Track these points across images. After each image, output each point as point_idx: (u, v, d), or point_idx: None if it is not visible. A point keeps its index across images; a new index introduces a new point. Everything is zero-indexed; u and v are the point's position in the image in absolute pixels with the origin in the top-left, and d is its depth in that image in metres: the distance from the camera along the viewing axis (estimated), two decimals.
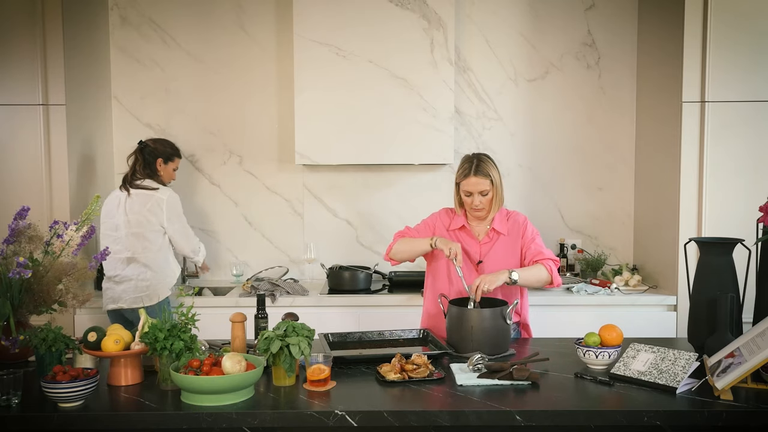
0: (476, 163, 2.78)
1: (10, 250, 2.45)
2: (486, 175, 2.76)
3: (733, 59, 3.43)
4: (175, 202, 3.54)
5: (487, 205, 2.80)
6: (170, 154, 3.64)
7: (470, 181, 2.76)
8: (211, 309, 3.52)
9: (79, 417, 1.99)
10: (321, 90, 3.83)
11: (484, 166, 2.77)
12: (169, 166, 3.65)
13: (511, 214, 2.89)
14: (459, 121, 4.12)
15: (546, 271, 2.77)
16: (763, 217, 2.44)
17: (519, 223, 2.87)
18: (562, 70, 4.14)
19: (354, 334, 2.76)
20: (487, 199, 2.79)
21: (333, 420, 1.97)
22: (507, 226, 2.86)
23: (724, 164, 3.48)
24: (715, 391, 2.07)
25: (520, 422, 1.98)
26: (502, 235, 2.85)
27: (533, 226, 2.90)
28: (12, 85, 3.56)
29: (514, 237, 2.85)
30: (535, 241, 2.84)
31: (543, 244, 2.86)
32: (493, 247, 2.84)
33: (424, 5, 3.82)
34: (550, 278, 2.78)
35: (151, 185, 3.52)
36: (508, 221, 2.87)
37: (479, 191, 2.76)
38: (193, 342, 2.20)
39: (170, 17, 4.10)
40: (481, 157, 2.81)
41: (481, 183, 2.75)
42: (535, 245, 2.83)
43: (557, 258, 2.89)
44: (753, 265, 2.57)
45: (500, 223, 2.85)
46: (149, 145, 3.60)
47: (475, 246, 2.86)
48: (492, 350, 2.51)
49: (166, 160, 3.62)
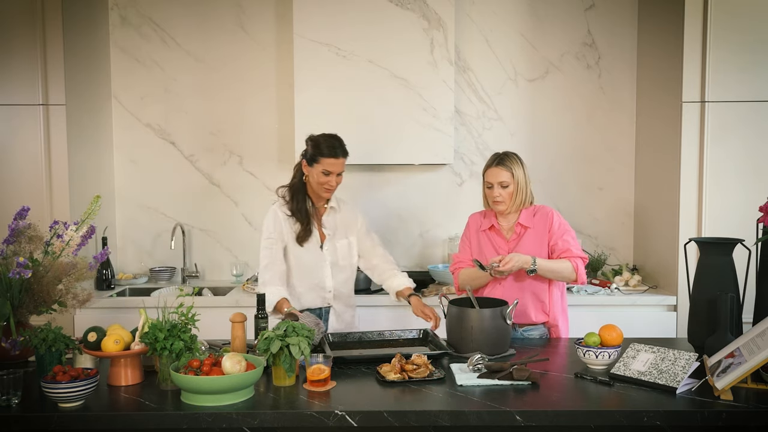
0: (501, 156, 2.85)
1: (10, 250, 2.45)
2: (507, 167, 2.81)
3: (733, 59, 3.43)
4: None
5: (507, 199, 2.82)
6: (313, 154, 2.96)
7: (491, 171, 2.83)
8: (211, 309, 3.53)
9: (79, 417, 1.99)
10: (321, 90, 3.83)
11: (508, 160, 2.83)
12: (315, 168, 2.95)
13: (538, 209, 2.89)
14: (459, 121, 4.12)
15: (571, 268, 2.76)
16: (763, 217, 2.44)
17: (546, 215, 2.86)
18: (562, 70, 4.14)
19: (354, 334, 2.77)
20: (507, 192, 2.81)
21: (333, 420, 1.97)
22: (534, 220, 2.86)
23: (724, 164, 3.48)
24: (715, 391, 2.07)
25: (520, 422, 1.98)
26: (528, 229, 2.85)
27: (563, 220, 2.88)
28: (12, 85, 3.56)
29: (540, 230, 2.85)
30: (563, 237, 2.82)
31: (573, 240, 2.84)
32: (520, 241, 2.85)
33: (424, 5, 3.82)
34: (574, 275, 2.77)
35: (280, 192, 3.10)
36: (535, 216, 2.87)
37: (499, 182, 2.80)
38: (193, 342, 2.20)
39: (170, 17, 4.10)
40: (508, 153, 2.87)
41: (502, 174, 2.80)
42: (563, 241, 2.82)
43: (586, 255, 2.86)
44: (753, 265, 2.57)
45: (526, 218, 2.86)
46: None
47: (504, 245, 2.88)
48: (492, 350, 2.50)
49: (310, 161, 2.98)
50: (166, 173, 4.17)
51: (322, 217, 3.06)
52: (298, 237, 2.97)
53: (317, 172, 2.93)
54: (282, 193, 3.06)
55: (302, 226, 2.98)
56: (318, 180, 2.93)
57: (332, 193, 3.00)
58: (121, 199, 4.19)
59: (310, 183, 2.98)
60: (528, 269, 2.71)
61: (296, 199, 3.00)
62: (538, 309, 2.83)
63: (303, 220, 2.98)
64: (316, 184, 2.95)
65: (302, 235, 2.98)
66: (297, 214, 2.99)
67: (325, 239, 3.04)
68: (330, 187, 2.95)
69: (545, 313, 2.85)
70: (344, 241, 3.08)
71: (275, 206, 3.05)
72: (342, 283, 3.08)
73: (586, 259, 2.84)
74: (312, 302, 3.03)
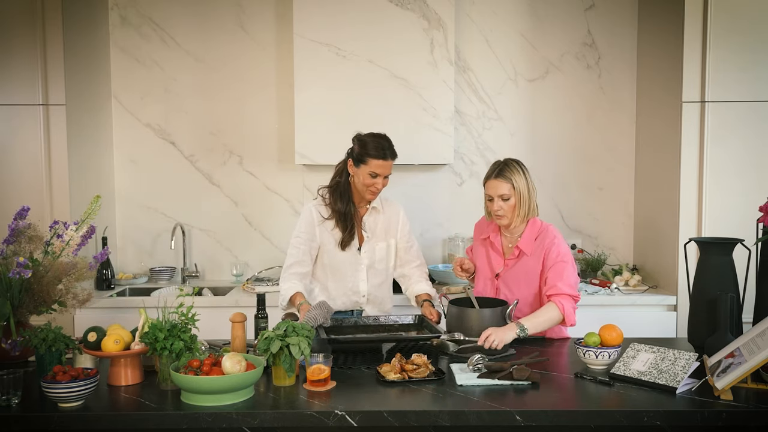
0: (500, 167, 2.69)
1: (10, 250, 2.45)
2: (507, 179, 2.65)
3: (733, 59, 3.43)
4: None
5: (508, 212, 2.67)
6: (360, 154, 2.85)
7: (491, 184, 2.69)
8: (211, 309, 3.53)
9: (79, 417, 1.99)
10: (321, 90, 3.83)
11: (508, 170, 2.67)
12: (361, 169, 2.84)
13: (542, 232, 2.72)
14: (459, 121, 4.12)
15: (557, 311, 2.59)
16: (763, 217, 2.44)
17: (544, 244, 2.69)
18: (562, 70, 4.14)
19: (350, 320, 2.78)
20: (508, 205, 2.66)
21: (333, 420, 1.97)
22: (533, 245, 2.71)
23: (724, 164, 3.48)
24: (715, 391, 2.07)
25: (520, 422, 1.98)
26: (525, 256, 2.72)
27: (561, 248, 2.68)
28: (12, 85, 3.56)
29: (536, 258, 2.70)
30: (554, 268, 2.64)
31: (564, 272, 2.64)
32: (515, 265, 2.74)
33: (424, 5, 3.82)
34: (562, 318, 2.60)
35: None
36: (536, 240, 2.71)
37: (499, 195, 2.65)
38: (193, 342, 2.20)
39: (170, 17, 4.10)
40: (509, 162, 2.70)
41: (501, 186, 2.65)
42: (554, 273, 2.64)
43: (577, 293, 2.66)
44: (753, 265, 2.57)
45: (527, 242, 2.71)
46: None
47: (498, 260, 2.79)
48: (492, 350, 2.50)
49: (357, 161, 2.87)
50: (166, 173, 4.17)
51: (362, 217, 2.95)
52: (342, 242, 2.88)
53: (364, 174, 2.81)
54: (322, 193, 2.95)
55: (345, 231, 2.87)
56: (364, 182, 2.82)
57: (377, 195, 2.90)
58: (121, 199, 4.18)
59: (355, 184, 2.87)
60: (520, 336, 2.53)
61: (339, 201, 2.88)
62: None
63: (346, 224, 2.87)
64: (361, 185, 2.84)
65: (346, 240, 2.88)
66: (338, 217, 2.88)
67: (363, 241, 2.93)
68: (376, 190, 2.84)
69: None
70: (383, 244, 2.96)
71: (311, 205, 2.93)
72: (376, 286, 2.98)
73: (578, 297, 2.65)
74: (344, 305, 2.96)
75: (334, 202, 2.89)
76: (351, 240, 2.89)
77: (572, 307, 2.63)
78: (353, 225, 2.89)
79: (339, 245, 2.89)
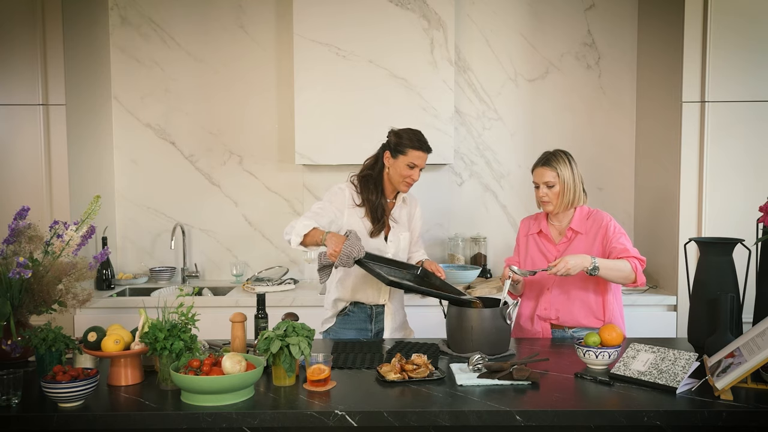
0: (547, 156, 2.82)
1: (10, 250, 2.45)
2: (552, 167, 2.78)
3: (733, 59, 3.43)
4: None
5: (554, 198, 2.79)
6: (398, 144, 2.90)
7: (537, 172, 2.82)
8: (211, 309, 3.53)
9: (79, 417, 1.99)
10: (321, 90, 3.83)
11: (554, 159, 2.80)
12: (399, 160, 2.89)
13: (593, 213, 2.85)
14: (459, 121, 4.12)
15: (630, 268, 2.68)
16: (763, 217, 2.44)
17: (600, 222, 2.82)
18: (562, 70, 4.14)
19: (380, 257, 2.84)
20: (553, 192, 2.79)
21: (333, 420, 1.97)
22: (586, 225, 2.83)
23: (724, 164, 3.48)
24: (715, 391, 2.07)
25: (520, 422, 1.98)
26: (579, 234, 2.82)
27: (618, 225, 2.82)
28: (12, 85, 3.56)
29: (593, 236, 2.81)
30: (620, 240, 2.76)
31: (629, 243, 2.76)
32: (570, 246, 2.82)
33: (424, 5, 3.82)
34: (634, 276, 2.69)
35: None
36: (588, 220, 2.84)
37: (544, 182, 2.79)
38: (193, 342, 2.20)
39: (170, 17, 4.10)
40: (556, 152, 2.83)
41: (546, 174, 2.78)
42: (620, 243, 2.75)
43: (643, 258, 2.75)
44: (753, 265, 2.57)
45: (579, 222, 2.83)
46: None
47: (552, 250, 2.86)
48: (492, 350, 2.51)
49: (395, 152, 2.91)
50: (166, 173, 4.17)
51: (391, 209, 2.99)
52: (372, 232, 2.90)
53: (402, 165, 2.85)
54: (353, 180, 2.96)
55: (377, 221, 2.90)
56: (401, 172, 2.85)
57: (411, 187, 2.93)
58: (121, 199, 4.19)
59: (390, 175, 2.89)
60: (588, 270, 2.63)
61: (371, 191, 2.90)
62: (589, 316, 2.78)
63: (378, 215, 2.90)
64: (398, 176, 2.87)
65: (377, 230, 2.90)
66: (369, 206, 2.90)
67: (389, 231, 2.96)
68: (411, 181, 2.89)
69: (598, 320, 2.78)
70: (406, 234, 3.01)
71: (345, 186, 2.94)
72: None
73: (644, 261, 2.73)
74: (366, 297, 2.94)
75: (368, 192, 2.91)
76: (382, 230, 2.93)
77: (641, 269, 2.71)
78: (384, 215, 2.92)
79: (369, 234, 2.90)
